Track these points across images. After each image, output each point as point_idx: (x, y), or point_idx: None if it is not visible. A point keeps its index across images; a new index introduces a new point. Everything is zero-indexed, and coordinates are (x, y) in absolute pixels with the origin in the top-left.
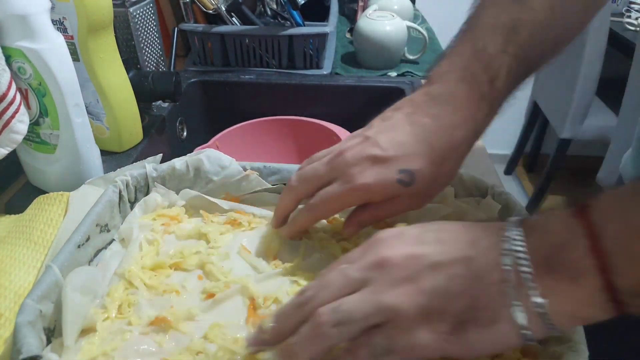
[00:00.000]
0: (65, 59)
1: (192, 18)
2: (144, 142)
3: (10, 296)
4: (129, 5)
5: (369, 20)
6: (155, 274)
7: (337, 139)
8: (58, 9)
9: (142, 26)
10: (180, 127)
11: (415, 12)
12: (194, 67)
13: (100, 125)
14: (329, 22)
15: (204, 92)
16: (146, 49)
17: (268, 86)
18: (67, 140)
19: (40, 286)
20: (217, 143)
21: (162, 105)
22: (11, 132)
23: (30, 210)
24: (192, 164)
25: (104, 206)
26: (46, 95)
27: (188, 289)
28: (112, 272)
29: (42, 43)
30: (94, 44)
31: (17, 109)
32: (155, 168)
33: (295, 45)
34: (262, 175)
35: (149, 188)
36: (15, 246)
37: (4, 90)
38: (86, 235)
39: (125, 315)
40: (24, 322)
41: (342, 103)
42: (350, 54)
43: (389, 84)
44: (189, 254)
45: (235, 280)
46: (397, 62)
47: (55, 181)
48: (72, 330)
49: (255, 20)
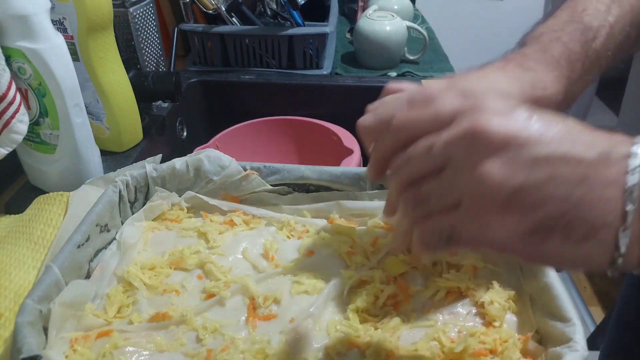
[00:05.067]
0: (65, 59)
1: (192, 18)
2: (144, 142)
3: (10, 296)
4: (129, 5)
5: (369, 20)
6: (155, 273)
7: (337, 139)
8: (58, 9)
9: (142, 26)
10: (180, 127)
11: (415, 12)
12: (194, 67)
13: (100, 125)
14: (329, 22)
15: (204, 92)
16: (146, 49)
17: (268, 86)
18: (67, 140)
19: (40, 286)
20: (217, 143)
21: (162, 105)
22: (11, 132)
23: (30, 210)
24: (192, 164)
25: (104, 206)
26: (46, 95)
27: (188, 289)
28: (111, 273)
29: (42, 43)
30: (94, 44)
31: (17, 109)
32: (155, 168)
33: (295, 45)
34: (262, 175)
35: (149, 188)
36: (15, 246)
37: (4, 90)
38: (86, 235)
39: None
40: (24, 322)
41: (342, 103)
42: (350, 54)
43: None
44: (189, 254)
45: (235, 279)
46: (397, 62)
47: (55, 181)
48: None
49: (255, 20)
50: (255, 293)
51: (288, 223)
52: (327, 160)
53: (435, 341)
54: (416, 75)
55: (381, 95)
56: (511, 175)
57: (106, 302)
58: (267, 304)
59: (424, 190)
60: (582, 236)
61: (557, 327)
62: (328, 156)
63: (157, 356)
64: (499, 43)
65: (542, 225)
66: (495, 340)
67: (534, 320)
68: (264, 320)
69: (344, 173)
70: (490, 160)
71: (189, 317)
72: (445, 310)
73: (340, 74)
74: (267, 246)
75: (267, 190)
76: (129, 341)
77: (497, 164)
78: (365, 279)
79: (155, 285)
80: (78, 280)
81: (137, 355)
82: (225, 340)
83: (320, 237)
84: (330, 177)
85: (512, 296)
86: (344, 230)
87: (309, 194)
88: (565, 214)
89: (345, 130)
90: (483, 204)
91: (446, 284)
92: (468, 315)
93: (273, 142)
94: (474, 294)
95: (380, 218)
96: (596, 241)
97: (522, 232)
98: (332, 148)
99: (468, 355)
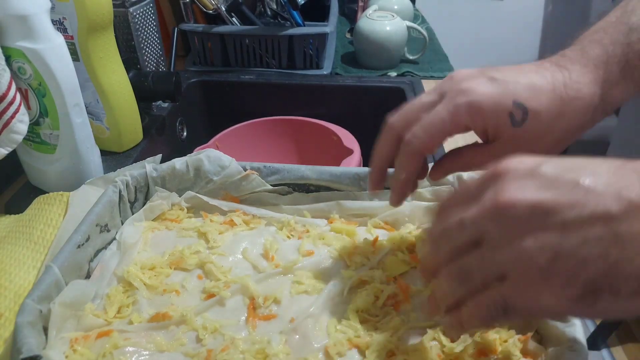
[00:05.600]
0: (65, 59)
1: (192, 18)
2: (144, 142)
3: (10, 296)
4: (129, 5)
5: (369, 20)
6: (155, 273)
7: (337, 139)
8: (58, 9)
9: (142, 26)
10: (180, 127)
11: (415, 12)
12: (194, 67)
13: (100, 125)
14: (329, 22)
15: (204, 92)
16: (146, 49)
17: (268, 86)
18: (67, 140)
19: (40, 286)
20: (217, 143)
21: (162, 105)
22: (11, 132)
23: (30, 210)
24: (192, 164)
25: (104, 206)
26: (46, 95)
27: (188, 289)
28: (111, 273)
29: (42, 43)
30: (94, 44)
31: (17, 109)
32: (155, 168)
33: (295, 45)
34: (262, 175)
35: (149, 188)
36: (15, 246)
37: (4, 90)
38: (86, 235)
39: (124, 315)
40: (24, 322)
41: (342, 103)
42: (350, 54)
43: (389, 84)
44: (188, 254)
45: (235, 279)
46: (397, 62)
47: (55, 181)
48: (55, 340)
49: (255, 20)
50: (255, 293)
51: (288, 223)
52: (327, 160)
53: (435, 341)
54: (416, 75)
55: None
56: (543, 246)
57: (106, 302)
58: (267, 304)
59: (467, 265)
60: (631, 291)
61: (557, 327)
62: (328, 156)
63: (157, 356)
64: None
65: (588, 288)
66: (495, 340)
67: (534, 320)
68: (264, 320)
69: (344, 173)
70: (524, 235)
71: (189, 317)
72: None
73: (340, 74)
74: (267, 246)
75: (267, 190)
76: (129, 341)
77: (531, 238)
78: (365, 279)
79: (155, 285)
80: (78, 280)
81: (137, 355)
82: (225, 340)
83: (320, 237)
84: (330, 177)
85: None
86: (344, 230)
87: (309, 194)
88: (607, 273)
89: (345, 130)
90: (528, 276)
91: None
92: None
93: (273, 142)
94: None
95: (380, 218)
96: None
97: (571, 297)
98: (332, 148)
99: (468, 355)
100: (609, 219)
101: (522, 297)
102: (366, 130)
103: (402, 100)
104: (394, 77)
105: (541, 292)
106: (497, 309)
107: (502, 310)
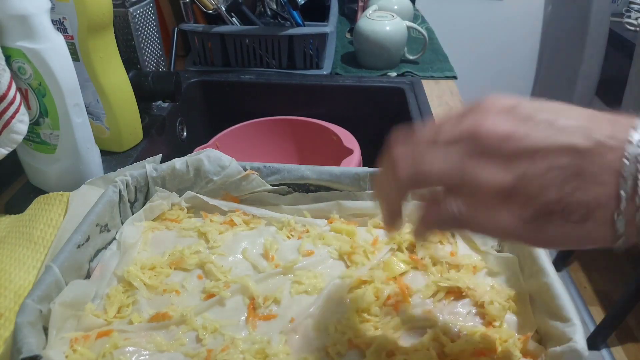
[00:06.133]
0: (65, 59)
1: (192, 18)
2: (144, 142)
3: (10, 296)
4: (129, 5)
5: (369, 20)
6: (155, 273)
7: (337, 139)
8: (58, 9)
9: (142, 26)
10: (180, 127)
11: (415, 12)
12: (194, 67)
13: (100, 125)
14: (329, 22)
15: (204, 92)
16: (146, 49)
17: (268, 86)
18: (67, 140)
19: (40, 286)
20: (217, 143)
21: (162, 105)
22: (11, 132)
23: (30, 210)
24: (192, 164)
25: (104, 206)
26: (46, 95)
27: (188, 289)
28: (111, 273)
29: (42, 43)
30: (94, 44)
31: (17, 109)
32: (155, 168)
33: (295, 45)
34: (262, 175)
35: (149, 188)
36: (15, 246)
37: (4, 90)
38: (86, 235)
39: (124, 315)
40: (24, 322)
41: (342, 103)
42: (350, 54)
43: (389, 84)
44: (189, 254)
45: (235, 279)
46: (397, 62)
47: (55, 181)
48: (55, 340)
49: (255, 20)
50: (255, 293)
51: (288, 223)
52: (327, 160)
53: (435, 341)
54: (416, 75)
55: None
56: (511, 168)
57: (106, 302)
58: (267, 304)
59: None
60: (580, 217)
61: (557, 327)
62: (328, 156)
63: (157, 356)
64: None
65: (543, 211)
66: (495, 340)
67: (534, 320)
68: (264, 320)
69: (344, 173)
70: (495, 158)
71: (189, 317)
72: (445, 310)
73: (340, 74)
74: (267, 246)
75: (267, 190)
76: (129, 341)
77: (501, 161)
78: (365, 279)
79: (155, 285)
80: (78, 280)
81: (137, 355)
82: (225, 340)
83: (320, 237)
84: (330, 177)
85: (512, 296)
86: (344, 230)
87: (309, 194)
88: (562, 199)
89: (345, 130)
90: (491, 194)
91: (446, 284)
92: (468, 315)
93: (273, 142)
94: (474, 294)
95: (380, 218)
96: (594, 221)
97: (525, 218)
98: (332, 148)
99: (468, 355)
100: (576, 152)
101: (481, 212)
102: (366, 130)
103: (402, 100)
104: (394, 77)
105: (500, 210)
106: (454, 217)
107: (458, 220)
